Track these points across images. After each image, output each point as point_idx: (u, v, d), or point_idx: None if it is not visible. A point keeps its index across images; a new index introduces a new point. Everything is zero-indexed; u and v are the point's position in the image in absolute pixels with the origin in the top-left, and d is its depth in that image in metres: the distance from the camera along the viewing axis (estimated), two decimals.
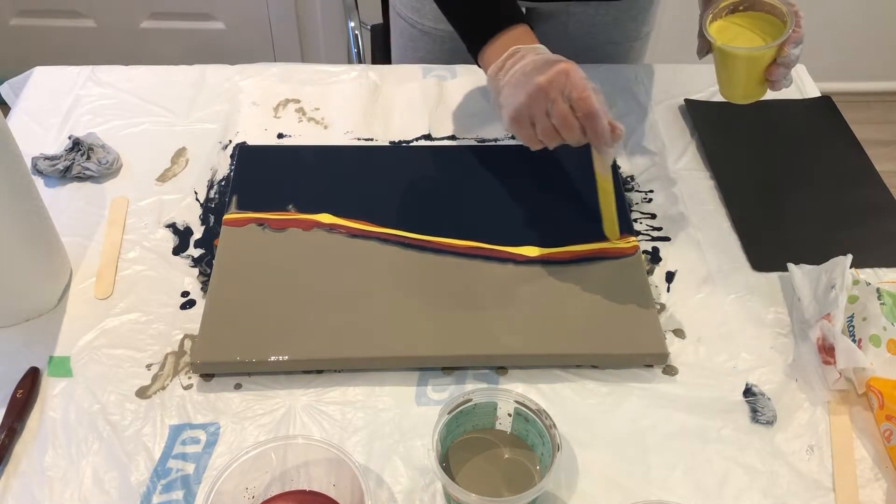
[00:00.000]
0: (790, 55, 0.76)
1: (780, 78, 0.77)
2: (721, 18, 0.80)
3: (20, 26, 2.08)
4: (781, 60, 0.76)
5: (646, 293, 0.76)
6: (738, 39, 0.78)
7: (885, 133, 2.19)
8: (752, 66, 0.78)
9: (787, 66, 0.77)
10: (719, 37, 0.79)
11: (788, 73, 0.78)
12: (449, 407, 0.62)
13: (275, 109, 0.98)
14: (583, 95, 0.69)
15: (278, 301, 0.74)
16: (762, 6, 0.79)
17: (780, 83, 0.78)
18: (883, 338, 0.70)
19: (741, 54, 0.77)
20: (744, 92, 0.81)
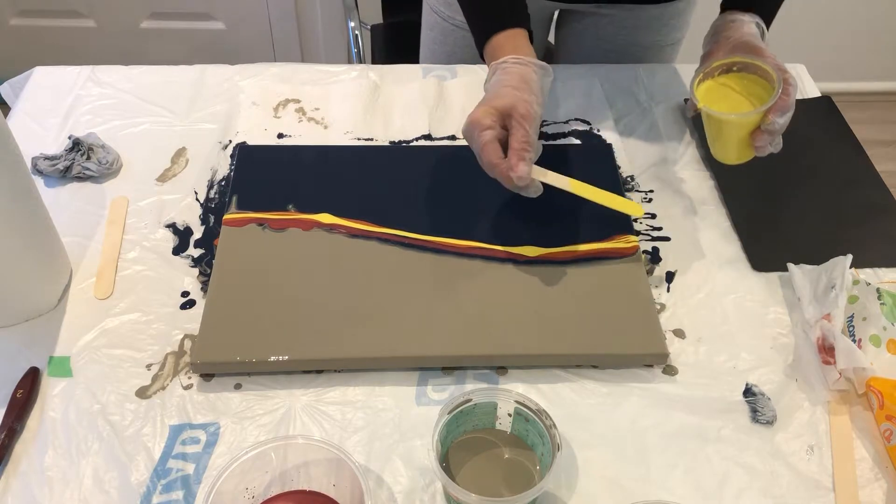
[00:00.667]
0: (774, 123, 0.75)
1: (765, 144, 0.76)
2: (712, 78, 0.79)
3: (20, 26, 2.08)
4: (766, 127, 0.75)
5: (646, 293, 0.76)
6: (726, 101, 0.78)
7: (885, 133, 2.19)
8: (736, 131, 0.77)
9: (771, 133, 0.76)
10: (708, 97, 0.78)
11: (775, 139, 0.77)
12: (449, 407, 0.62)
13: (275, 109, 0.98)
14: (478, 152, 0.74)
15: (278, 301, 0.74)
16: (755, 69, 0.78)
17: (765, 148, 0.77)
18: (883, 338, 0.70)
19: (722, 119, 0.76)
20: (730, 154, 0.80)
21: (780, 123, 0.75)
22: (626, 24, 1.07)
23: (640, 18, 1.06)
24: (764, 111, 0.75)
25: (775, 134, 0.76)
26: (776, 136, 0.76)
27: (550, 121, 0.97)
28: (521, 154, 0.72)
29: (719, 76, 0.79)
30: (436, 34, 1.14)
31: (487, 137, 0.73)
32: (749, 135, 0.77)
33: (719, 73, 0.79)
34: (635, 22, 1.07)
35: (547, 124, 0.96)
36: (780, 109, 0.74)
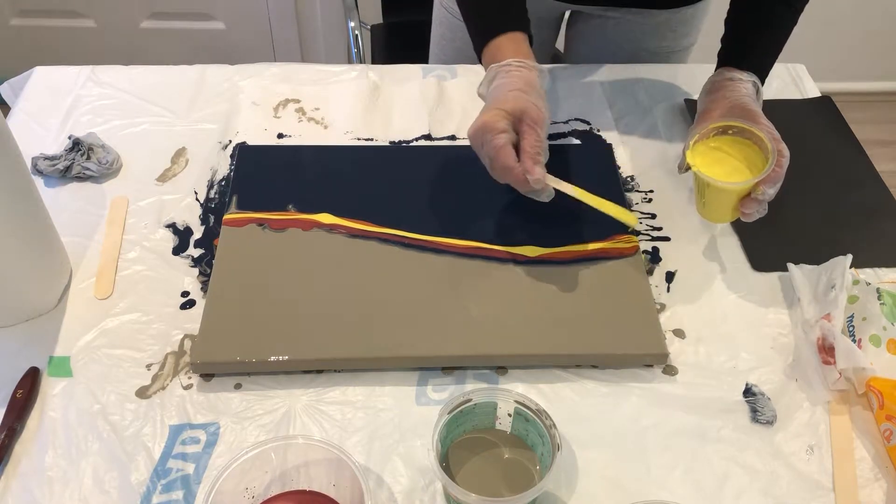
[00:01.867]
0: (765, 193, 0.74)
1: (753, 211, 0.76)
2: (708, 139, 0.79)
3: (20, 26, 2.08)
4: (755, 195, 0.75)
5: (646, 293, 0.76)
6: (719, 165, 0.77)
7: (885, 133, 2.19)
8: (726, 196, 0.76)
9: (759, 202, 0.75)
10: (702, 159, 0.78)
11: (762, 206, 0.77)
12: (449, 407, 0.62)
13: (275, 109, 0.98)
14: (491, 155, 0.73)
15: (278, 301, 0.74)
16: (750, 135, 0.77)
17: (752, 215, 0.76)
18: (883, 338, 0.70)
19: (713, 185, 0.76)
20: (717, 216, 0.80)
21: (770, 194, 0.75)
22: (633, 28, 1.07)
23: (647, 24, 1.06)
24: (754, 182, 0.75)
25: (763, 202, 0.76)
26: (764, 204, 0.76)
27: (550, 121, 0.97)
28: (536, 158, 0.72)
29: (713, 137, 0.79)
30: (444, 30, 1.14)
31: (503, 141, 0.72)
32: (737, 201, 0.77)
33: (714, 134, 0.79)
34: (642, 27, 1.07)
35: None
36: (771, 181, 0.74)
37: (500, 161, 0.73)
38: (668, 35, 1.08)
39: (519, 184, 0.74)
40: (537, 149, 0.73)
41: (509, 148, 0.73)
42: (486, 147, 0.74)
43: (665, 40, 1.08)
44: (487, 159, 0.75)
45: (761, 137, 0.76)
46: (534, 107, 0.74)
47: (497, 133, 0.73)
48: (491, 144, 0.73)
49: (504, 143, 0.72)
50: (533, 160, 0.72)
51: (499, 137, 0.72)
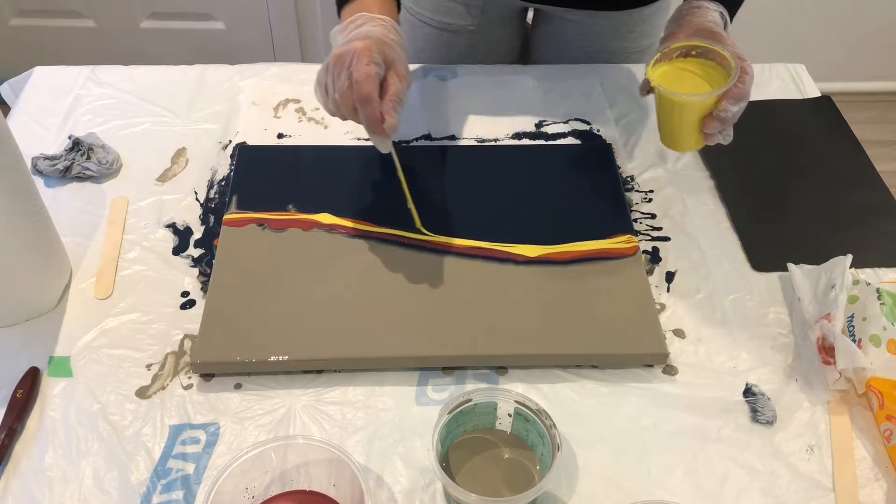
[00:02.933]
0: (727, 110, 0.72)
1: (714, 131, 0.74)
2: (670, 61, 0.77)
3: (20, 26, 2.08)
4: (717, 114, 0.72)
5: (646, 293, 0.76)
6: (682, 84, 0.75)
7: (885, 133, 2.19)
8: (687, 114, 0.74)
9: (721, 122, 0.73)
10: (664, 79, 0.75)
11: (726, 129, 0.75)
12: (449, 407, 0.62)
13: (275, 109, 0.98)
14: (358, 78, 0.69)
15: (278, 301, 0.74)
16: (714, 55, 0.75)
17: (713, 136, 0.74)
18: (883, 338, 0.70)
19: (674, 99, 0.74)
20: (679, 139, 0.78)
21: (733, 112, 0.72)
22: (592, 29, 1.06)
23: (605, 24, 1.06)
24: (717, 96, 0.72)
25: (726, 123, 0.73)
26: (727, 125, 0.74)
27: (550, 121, 0.97)
28: (395, 105, 0.70)
29: (677, 59, 0.77)
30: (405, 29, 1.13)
31: (373, 71, 0.69)
32: (700, 121, 0.74)
33: (677, 55, 0.77)
34: (600, 28, 1.06)
35: (547, 124, 0.96)
36: (734, 97, 0.72)
37: (365, 88, 0.68)
38: (628, 36, 1.07)
39: (370, 120, 0.70)
40: (398, 98, 0.71)
41: (376, 80, 0.70)
42: (354, 69, 0.69)
43: (625, 41, 1.08)
44: (346, 82, 0.70)
45: (725, 56, 0.74)
46: (405, 64, 0.73)
47: (369, 62, 0.69)
48: (360, 69, 0.69)
49: (375, 72, 0.69)
50: (392, 106, 0.70)
51: (371, 66, 0.69)
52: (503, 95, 1.00)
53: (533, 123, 0.97)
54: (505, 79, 1.02)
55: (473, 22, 1.07)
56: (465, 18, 1.07)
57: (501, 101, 0.99)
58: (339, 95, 0.71)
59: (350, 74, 0.70)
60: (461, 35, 1.08)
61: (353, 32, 0.75)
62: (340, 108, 0.72)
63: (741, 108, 0.74)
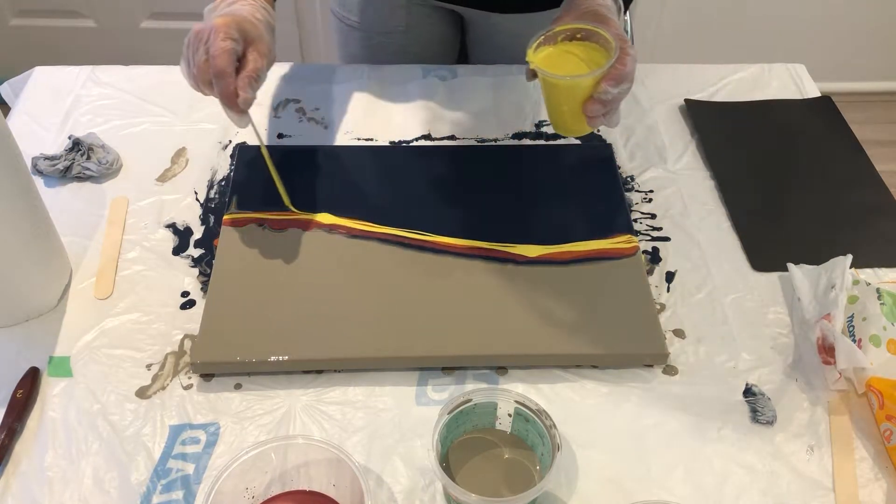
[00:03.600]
0: (606, 91, 0.70)
1: (596, 114, 0.71)
2: (555, 45, 0.75)
3: (20, 26, 2.08)
4: (597, 96, 0.70)
5: (646, 293, 0.76)
6: (564, 67, 0.72)
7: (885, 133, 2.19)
8: (567, 96, 0.73)
9: (603, 104, 0.71)
10: (546, 61, 0.73)
11: (611, 113, 0.73)
12: (449, 407, 0.62)
13: (275, 109, 0.98)
14: (213, 53, 0.70)
15: (278, 301, 0.74)
16: (598, 38, 0.73)
17: (597, 120, 0.72)
18: (883, 338, 0.70)
19: (553, 82, 0.72)
20: (564, 122, 0.76)
21: (613, 93, 0.70)
22: (515, 32, 1.04)
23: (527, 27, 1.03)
24: (596, 78, 0.70)
25: (608, 105, 0.71)
26: (609, 107, 0.71)
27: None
28: (252, 82, 0.71)
29: (562, 42, 0.75)
30: (337, 36, 1.13)
31: (228, 46, 0.70)
32: (581, 103, 0.72)
33: (562, 39, 0.75)
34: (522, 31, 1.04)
35: (547, 124, 0.96)
36: (613, 78, 0.69)
37: (219, 63, 0.69)
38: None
39: (224, 95, 0.71)
40: (256, 75, 0.71)
41: (231, 56, 0.70)
42: (210, 45, 0.70)
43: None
44: (203, 57, 0.71)
45: (607, 38, 0.72)
46: (267, 43, 0.74)
47: (225, 37, 0.70)
48: (216, 44, 0.70)
49: (228, 48, 0.70)
50: (249, 82, 0.71)
51: (227, 42, 0.70)
52: (503, 95, 1.00)
53: (533, 123, 0.97)
54: (505, 79, 1.02)
55: (401, 23, 1.06)
56: (392, 20, 1.06)
57: (501, 101, 0.99)
58: (196, 69, 0.72)
59: (207, 50, 0.71)
60: (392, 36, 1.07)
61: (219, 11, 0.76)
62: (198, 81, 0.73)
63: (624, 91, 0.72)
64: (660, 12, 2.02)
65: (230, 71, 0.70)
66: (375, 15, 1.06)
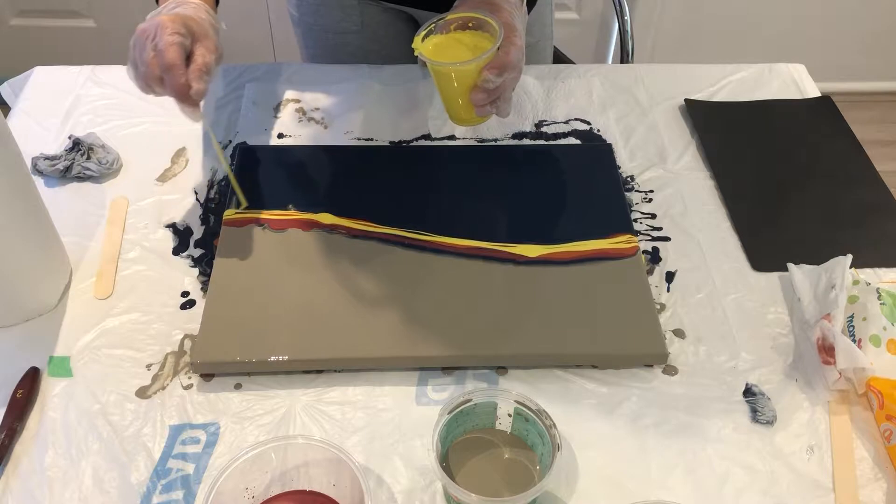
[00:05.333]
0: (488, 80, 0.69)
1: (481, 103, 0.71)
2: (447, 33, 0.74)
3: (20, 26, 2.08)
4: (481, 83, 0.70)
5: (646, 293, 0.76)
6: (451, 55, 0.72)
7: (885, 133, 2.19)
8: (451, 84, 0.72)
9: (486, 92, 0.70)
10: (435, 49, 0.73)
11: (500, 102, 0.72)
12: (449, 407, 0.62)
13: (275, 109, 0.98)
14: (162, 48, 0.69)
15: (278, 301, 0.74)
16: (488, 27, 0.72)
17: (483, 109, 0.71)
18: (883, 338, 0.70)
19: (436, 69, 0.71)
20: (455, 110, 0.75)
21: (495, 82, 0.69)
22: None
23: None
24: (479, 65, 0.69)
25: (493, 94, 0.70)
26: (496, 96, 0.70)
27: (550, 121, 0.97)
28: (202, 75, 0.70)
29: (455, 31, 0.74)
30: (297, 37, 1.13)
31: (176, 40, 0.69)
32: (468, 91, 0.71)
33: (455, 27, 0.74)
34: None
35: (547, 124, 0.96)
36: (496, 66, 0.69)
37: (168, 56, 0.69)
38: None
39: (176, 88, 0.70)
40: (206, 69, 0.71)
41: (180, 49, 0.70)
42: (158, 41, 0.70)
43: None
44: (151, 53, 0.70)
45: (494, 26, 0.71)
46: (213, 41, 0.73)
47: (173, 32, 0.70)
48: (164, 38, 0.69)
49: (176, 42, 0.69)
50: (199, 75, 0.70)
51: (174, 36, 0.69)
52: None
53: (533, 123, 0.97)
54: None
55: (355, 22, 1.06)
56: (346, 20, 1.06)
57: None
58: (144, 67, 0.71)
59: (155, 46, 0.70)
60: (348, 36, 1.07)
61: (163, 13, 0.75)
62: (148, 79, 0.72)
63: (509, 80, 0.70)
64: (660, 12, 2.02)
65: (180, 63, 0.69)
66: (329, 15, 1.06)
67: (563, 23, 2.03)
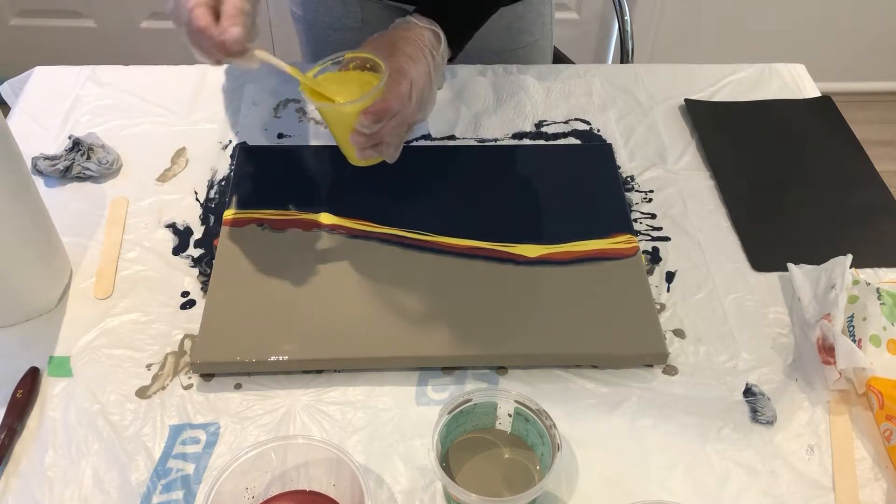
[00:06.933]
0: (362, 123, 0.68)
1: (360, 145, 0.69)
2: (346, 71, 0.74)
3: (20, 26, 2.08)
4: (357, 126, 0.68)
5: (646, 293, 0.76)
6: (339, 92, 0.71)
7: (885, 133, 2.19)
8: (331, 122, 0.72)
9: (361, 135, 0.69)
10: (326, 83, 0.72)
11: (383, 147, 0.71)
12: (449, 407, 0.62)
13: (275, 109, 0.98)
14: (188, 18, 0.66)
15: (278, 301, 0.74)
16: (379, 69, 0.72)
17: (364, 152, 0.70)
18: (883, 338, 0.70)
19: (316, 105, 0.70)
20: (341, 147, 0.75)
21: (371, 128, 0.68)
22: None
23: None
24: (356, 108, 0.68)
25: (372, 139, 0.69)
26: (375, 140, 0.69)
27: (550, 121, 0.97)
28: (235, 19, 0.66)
29: (354, 70, 0.73)
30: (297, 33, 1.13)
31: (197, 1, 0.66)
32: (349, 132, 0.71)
33: (353, 66, 0.73)
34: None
35: (547, 124, 0.96)
36: (372, 112, 0.67)
37: (195, 23, 0.65)
38: (506, 34, 1.05)
39: (215, 48, 0.66)
40: (235, 11, 0.66)
41: (204, 9, 0.66)
42: (181, 11, 0.67)
43: (503, 40, 1.05)
44: (185, 27, 0.67)
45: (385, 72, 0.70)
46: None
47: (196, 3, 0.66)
48: (184, 7, 0.66)
49: (198, 3, 0.66)
50: (231, 21, 0.65)
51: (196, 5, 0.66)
52: (503, 95, 1.00)
53: (533, 123, 0.97)
54: (505, 79, 1.02)
55: (356, 19, 1.06)
56: (347, 17, 1.06)
57: (501, 101, 0.99)
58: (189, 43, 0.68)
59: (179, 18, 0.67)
60: (348, 33, 1.07)
61: None
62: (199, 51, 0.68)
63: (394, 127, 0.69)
64: (660, 12, 2.02)
65: (205, 24, 0.65)
66: (328, 12, 1.06)
67: (563, 23, 2.03)
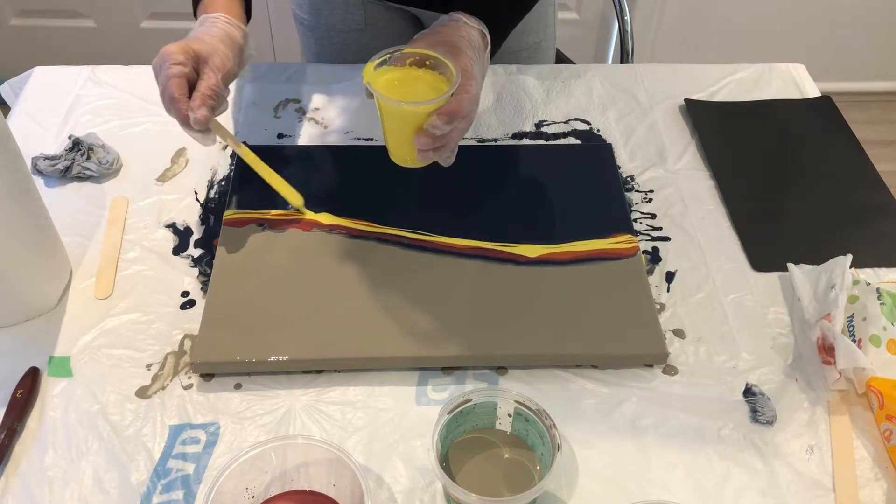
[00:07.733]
0: (434, 125, 0.67)
1: (424, 147, 0.69)
2: (402, 67, 0.72)
3: (20, 26, 2.08)
4: (426, 127, 0.68)
5: (646, 293, 0.76)
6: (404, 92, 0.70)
7: (885, 133, 2.19)
8: (396, 123, 0.70)
9: (430, 137, 0.68)
10: (389, 83, 0.70)
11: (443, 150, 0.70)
12: (449, 407, 0.62)
13: (275, 109, 0.98)
14: (164, 83, 0.73)
15: (278, 301, 0.74)
16: (444, 69, 0.70)
17: (425, 154, 0.70)
18: (883, 338, 0.70)
19: (383, 104, 0.69)
20: (397, 149, 0.73)
21: (442, 129, 0.68)
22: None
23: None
24: (428, 109, 0.67)
25: (439, 140, 0.69)
26: (441, 143, 0.69)
27: (550, 121, 0.97)
28: (205, 99, 0.72)
29: (411, 67, 0.72)
30: (300, 37, 1.13)
31: (175, 72, 0.72)
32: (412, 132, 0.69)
33: (411, 62, 0.72)
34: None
35: (547, 124, 0.96)
36: (446, 113, 0.67)
37: (168, 91, 0.72)
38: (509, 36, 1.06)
39: (180, 120, 0.73)
40: (210, 92, 0.72)
41: (181, 80, 0.72)
42: (159, 75, 0.73)
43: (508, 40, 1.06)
44: (161, 86, 0.74)
45: (451, 69, 0.69)
46: (221, 54, 0.75)
47: (173, 63, 0.72)
48: (164, 72, 0.72)
49: (175, 74, 0.72)
50: (202, 100, 0.72)
51: (173, 68, 0.72)
52: (503, 95, 1.00)
53: (533, 123, 0.97)
54: (505, 79, 1.02)
55: (359, 21, 1.06)
56: (349, 19, 1.06)
57: (501, 101, 0.99)
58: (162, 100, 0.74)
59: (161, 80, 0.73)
60: (351, 34, 1.07)
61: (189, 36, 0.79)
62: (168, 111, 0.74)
63: (456, 129, 0.69)
64: (660, 12, 2.02)
65: (177, 96, 0.72)
66: (332, 14, 1.06)
67: (564, 23, 2.03)
